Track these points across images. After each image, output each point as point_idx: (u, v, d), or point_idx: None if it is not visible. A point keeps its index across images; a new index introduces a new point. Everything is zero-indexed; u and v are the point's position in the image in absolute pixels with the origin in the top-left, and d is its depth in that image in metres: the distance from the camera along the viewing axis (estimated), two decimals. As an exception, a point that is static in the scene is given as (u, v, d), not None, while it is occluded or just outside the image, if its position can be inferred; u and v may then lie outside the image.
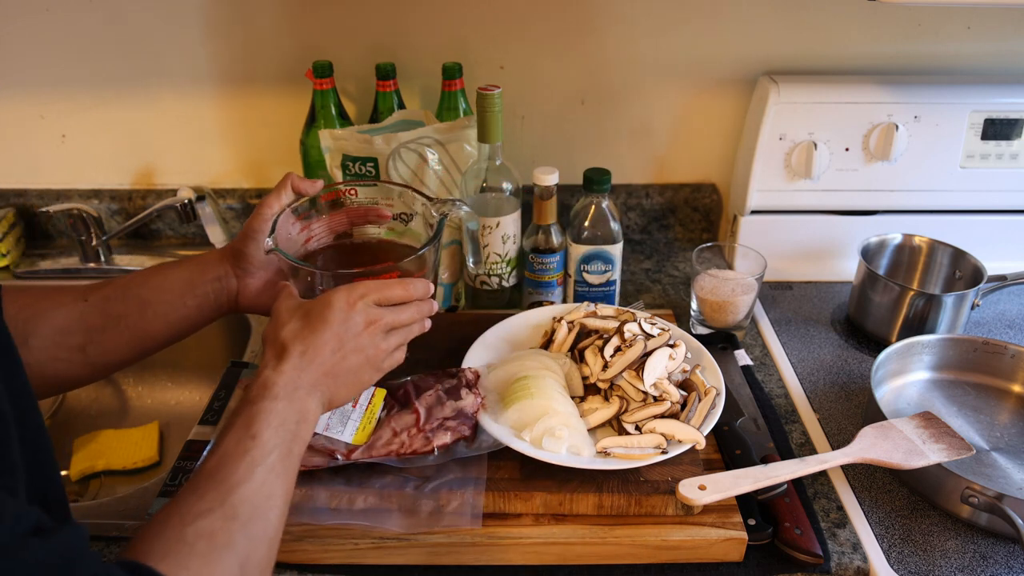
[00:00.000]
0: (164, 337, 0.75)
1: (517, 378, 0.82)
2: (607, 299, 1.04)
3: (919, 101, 1.11)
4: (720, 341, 1.01)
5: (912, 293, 1.01)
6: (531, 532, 0.73)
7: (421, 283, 0.74)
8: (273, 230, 0.75)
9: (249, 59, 1.17)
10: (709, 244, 1.08)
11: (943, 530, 0.77)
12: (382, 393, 0.80)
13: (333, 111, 1.11)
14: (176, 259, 0.77)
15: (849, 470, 0.84)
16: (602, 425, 0.80)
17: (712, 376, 0.85)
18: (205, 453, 0.61)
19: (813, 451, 0.87)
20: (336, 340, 0.67)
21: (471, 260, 0.92)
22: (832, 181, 1.14)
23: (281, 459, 0.60)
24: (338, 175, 1.02)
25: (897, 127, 1.10)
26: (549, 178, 0.98)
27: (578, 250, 1.01)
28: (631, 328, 0.84)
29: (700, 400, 0.81)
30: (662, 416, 0.79)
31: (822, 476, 0.83)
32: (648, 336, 0.84)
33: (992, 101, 1.11)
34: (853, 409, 0.93)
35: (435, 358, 0.92)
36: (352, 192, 0.87)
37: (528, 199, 1.02)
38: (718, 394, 0.82)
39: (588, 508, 0.74)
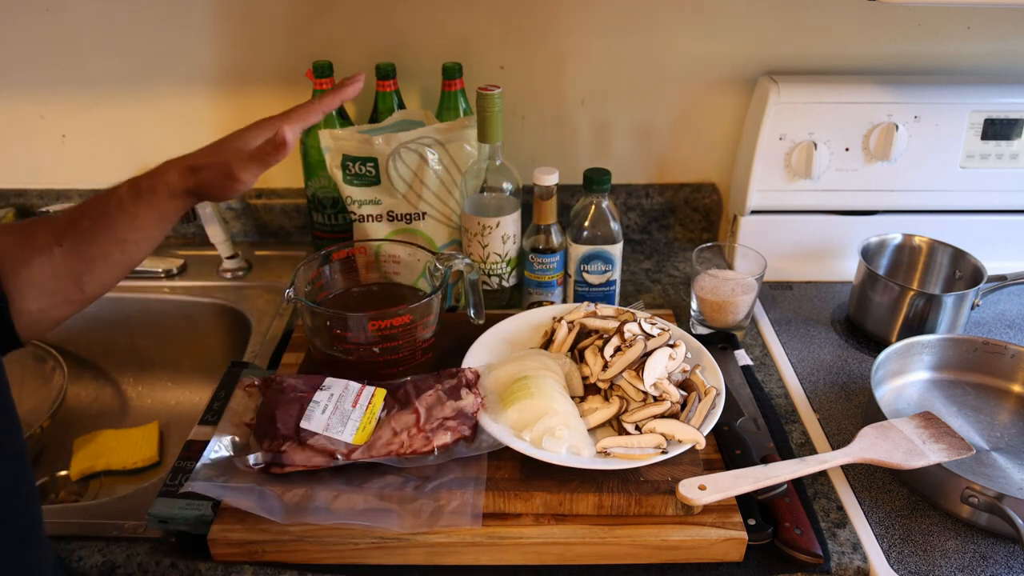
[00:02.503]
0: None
1: (517, 378, 0.82)
2: (607, 299, 1.04)
3: (919, 101, 1.11)
4: (720, 341, 1.01)
5: (912, 293, 1.01)
6: (531, 532, 0.73)
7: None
8: (293, 283, 0.84)
9: (249, 59, 1.17)
10: (709, 244, 1.08)
11: (943, 530, 0.77)
12: (382, 393, 0.80)
13: (333, 111, 1.10)
14: (131, 186, 0.76)
15: (849, 470, 0.83)
16: (602, 425, 0.80)
17: (712, 376, 0.85)
18: None
19: (813, 451, 0.87)
20: None
21: (472, 312, 0.94)
22: (832, 181, 1.14)
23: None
24: (338, 175, 1.02)
25: (897, 127, 1.10)
26: (549, 178, 0.98)
27: (578, 250, 1.01)
28: (631, 328, 0.84)
29: (700, 400, 0.81)
30: (662, 416, 0.79)
31: (822, 476, 0.83)
32: (648, 336, 0.84)
33: (992, 101, 1.11)
34: (853, 409, 0.93)
35: (435, 358, 0.92)
36: (362, 251, 0.97)
37: (528, 199, 1.02)
38: (718, 394, 0.82)
39: (588, 508, 0.74)
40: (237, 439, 0.79)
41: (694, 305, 1.05)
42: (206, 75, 1.18)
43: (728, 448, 0.82)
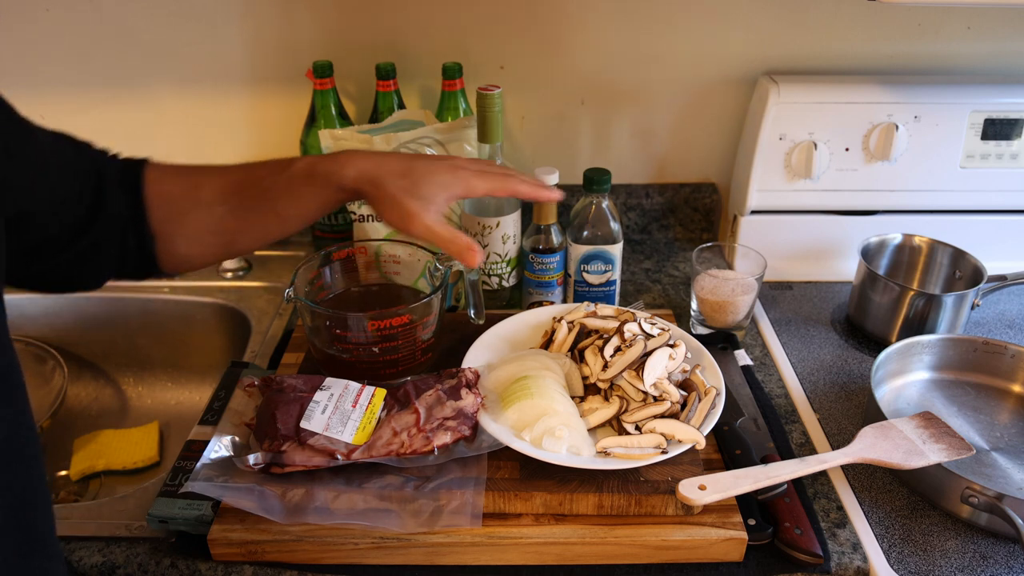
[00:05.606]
0: (300, 230, 0.79)
1: (517, 378, 0.82)
2: (607, 299, 1.04)
3: (919, 101, 1.11)
4: (720, 341, 1.01)
5: (912, 293, 1.01)
6: (531, 532, 0.73)
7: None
8: (293, 283, 0.84)
9: (249, 59, 1.17)
10: (709, 244, 1.08)
11: (943, 530, 0.77)
12: (382, 393, 0.80)
13: (333, 111, 1.11)
14: (307, 167, 0.74)
15: (849, 470, 0.84)
16: (602, 425, 0.80)
17: (712, 376, 0.85)
18: None
19: (813, 451, 0.87)
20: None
21: (472, 312, 0.93)
22: (832, 181, 1.14)
23: None
24: (338, 175, 1.02)
25: (897, 127, 1.10)
26: (549, 178, 0.98)
27: (578, 250, 1.01)
28: (631, 328, 0.84)
29: (700, 400, 0.81)
30: (662, 416, 0.79)
31: (822, 476, 0.83)
32: (648, 336, 0.84)
33: (992, 101, 1.11)
34: (853, 409, 0.93)
35: (435, 358, 0.92)
36: (362, 251, 0.96)
37: (528, 199, 1.02)
38: (718, 394, 0.82)
39: (588, 508, 0.74)
40: (237, 439, 0.79)
41: (694, 305, 1.05)
42: (206, 75, 1.18)
43: (728, 448, 0.83)
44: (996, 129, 1.12)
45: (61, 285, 0.73)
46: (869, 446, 0.77)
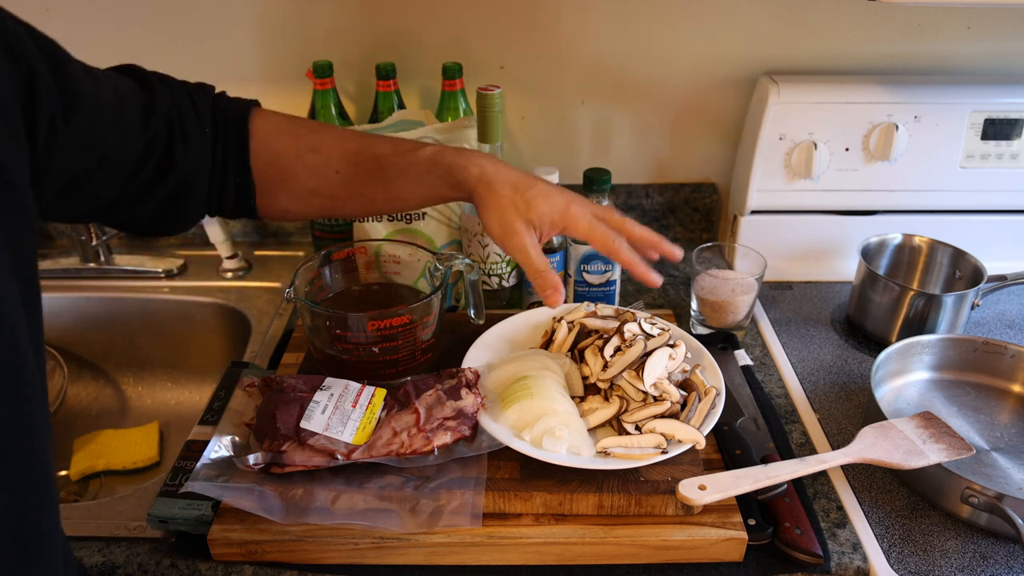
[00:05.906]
0: (405, 211, 0.79)
1: (517, 378, 0.82)
2: (607, 299, 1.04)
3: (919, 101, 1.11)
4: (720, 341, 1.01)
5: (912, 293, 1.01)
6: (531, 532, 0.73)
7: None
8: (293, 283, 0.84)
9: (249, 59, 1.17)
10: (709, 244, 1.08)
11: (943, 530, 0.77)
12: (382, 393, 0.80)
13: (333, 111, 1.11)
14: (434, 156, 0.74)
15: (849, 470, 0.84)
16: (602, 425, 0.80)
17: (712, 376, 0.85)
18: None
19: (813, 451, 0.87)
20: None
21: (472, 312, 0.93)
22: (832, 181, 1.14)
23: None
24: (338, 175, 1.02)
25: (897, 127, 1.10)
26: (549, 178, 0.98)
27: (578, 250, 1.01)
28: (631, 328, 0.84)
29: (700, 400, 0.81)
30: (662, 416, 0.79)
31: (822, 476, 0.83)
32: (648, 336, 0.84)
33: (992, 101, 1.11)
34: (853, 409, 0.93)
35: (435, 358, 0.92)
36: (362, 251, 0.96)
37: (528, 199, 1.02)
38: (718, 394, 0.82)
39: (588, 508, 0.74)
40: (237, 439, 0.79)
41: (694, 305, 1.05)
42: (205, 75, 1.18)
43: (728, 448, 0.83)
44: (996, 129, 1.12)
45: (147, 230, 0.73)
46: (869, 446, 0.77)
